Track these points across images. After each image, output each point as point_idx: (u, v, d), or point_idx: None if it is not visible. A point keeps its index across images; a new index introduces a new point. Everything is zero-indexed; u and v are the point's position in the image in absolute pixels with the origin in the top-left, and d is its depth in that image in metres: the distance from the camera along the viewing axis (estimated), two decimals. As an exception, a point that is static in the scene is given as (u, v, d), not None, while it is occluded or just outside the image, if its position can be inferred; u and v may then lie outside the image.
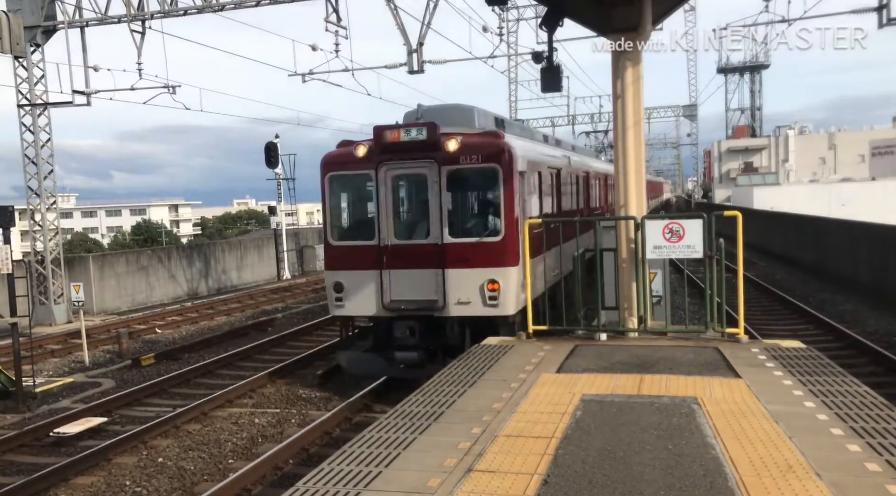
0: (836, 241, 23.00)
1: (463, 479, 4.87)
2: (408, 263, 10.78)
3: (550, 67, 11.34)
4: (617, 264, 9.84)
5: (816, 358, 7.90)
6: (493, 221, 10.84)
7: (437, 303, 10.64)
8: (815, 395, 6.44)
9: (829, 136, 71.00)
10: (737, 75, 73.69)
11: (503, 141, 10.71)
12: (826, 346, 12.65)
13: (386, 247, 10.88)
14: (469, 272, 10.49)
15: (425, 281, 10.70)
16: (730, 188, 64.29)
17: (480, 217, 11.47)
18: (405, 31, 20.72)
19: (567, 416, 6.11)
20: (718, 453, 5.14)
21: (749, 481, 4.63)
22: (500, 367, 8.02)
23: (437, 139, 10.48)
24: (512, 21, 39.10)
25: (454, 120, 11.56)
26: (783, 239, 30.19)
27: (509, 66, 44.76)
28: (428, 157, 10.60)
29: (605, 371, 7.68)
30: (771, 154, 70.58)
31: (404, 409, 6.51)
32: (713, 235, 8.85)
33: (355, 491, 4.76)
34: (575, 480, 4.76)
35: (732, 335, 8.98)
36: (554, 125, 51.84)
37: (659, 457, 5.11)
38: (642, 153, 10.35)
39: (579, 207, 16.93)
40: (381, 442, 5.68)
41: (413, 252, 10.83)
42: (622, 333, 9.55)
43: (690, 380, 7.14)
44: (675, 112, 61.49)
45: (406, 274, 10.79)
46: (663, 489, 4.57)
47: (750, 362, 7.76)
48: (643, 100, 10.14)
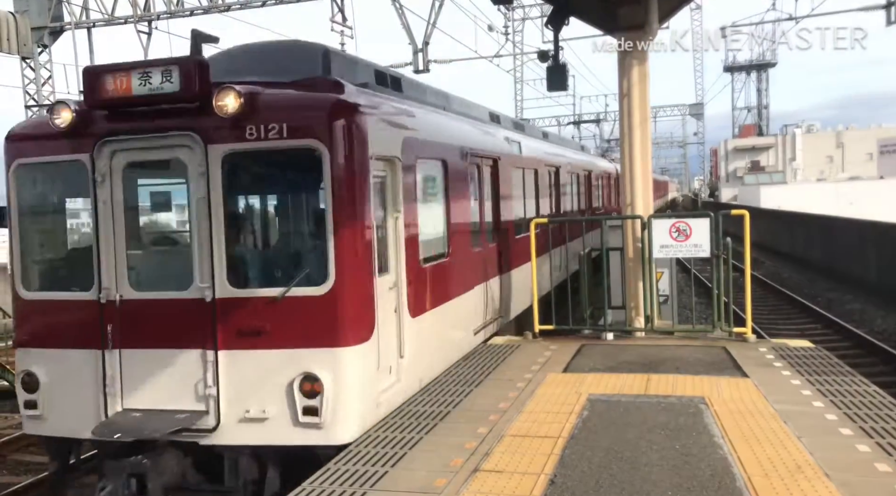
0: (843, 240, 22.89)
1: (469, 479, 4.85)
2: (150, 338, 5.94)
3: (556, 66, 11.29)
4: (624, 263, 9.81)
5: (825, 357, 7.85)
6: (314, 256, 6.04)
7: (202, 418, 5.79)
8: (823, 395, 6.40)
9: (836, 134, 70.60)
10: (743, 74, 73.39)
11: (335, 98, 6.04)
12: (834, 346, 12.58)
13: (111, 303, 5.99)
14: (264, 357, 5.76)
15: (180, 373, 5.89)
16: (736, 187, 64.02)
17: (290, 247, 6.95)
18: (411, 31, 20.76)
19: (574, 416, 6.08)
20: (726, 453, 5.11)
21: (758, 482, 4.60)
22: (506, 367, 7.99)
23: (207, 92, 5.66)
24: (518, 20, 39.07)
25: (283, 67, 6.59)
26: (790, 238, 30.06)
27: (515, 66, 44.68)
28: (187, 125, 5.83)
29: (611, 370, 7.65)
30: (778, 153, 70.22)
31: (410, 409, 6.50)
32: (720, 234, 8.81)
33: (361, 490, 4.75)
34: (582, 480, 4.74)
35: (740, 334, 8.94)
36: (560, 124, 51.77)
37: (666, 457, 5.08)
38: (649, 152, 10.31)
39: (551, 211, 13.29)
40: (388, 441, 5.67)
41: (160, 315, 5.97)
42: (629, 333, 9.51)
43: (698, 379, 7.10)
44: (682, 111, 61.37)
45: (146, 358, 5.94)
46: (671, 489, 4.55)
47: (758, 362, 7.73)
48: (649, 98, 10.10)
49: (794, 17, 20.57)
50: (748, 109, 75.15)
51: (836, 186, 49.60)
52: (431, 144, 7.68)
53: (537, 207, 12.18)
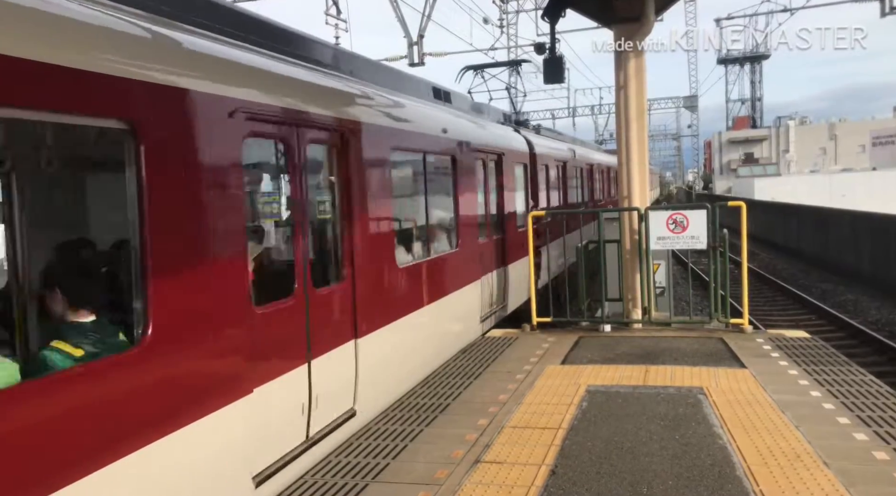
0: (837, 232, 22.99)
1: (471, 471, 4.87)
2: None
3: (553, 58, 11.24)
4: (621, 255, 9.83)
5: (821, 347, 7.91)
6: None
7: None
8: (820, 385, 6.45)
9: (829, 126, 70.80)
10: (737, 66, 73.47)
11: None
12: (829, 336, 12.65)
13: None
14: None
15: None
16: (730, 179, 64.16)
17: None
18: (405, 24, 20.68)
19: (573, 407, 6.11)
20: (726, 443, 5.15)
21: (757, 470, 4.64)
22: (505, 359, 8.01)
23: None
24: (512, 13, 38.96)
25: None
26: (784, 229, 30.17)
27: (509, 58, 44.59)
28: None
29: (609, 362, 7.68)
30: (771, 145, 70.40)
31: (410, 402, 6.51)
32: (717, 226, 8.84)
33: (363, 482, 4.77)
34: (583, 471, 4.77)
35: (736, 325, 8.98)
36: (554, 117, 51.75)
37: (666, 447, 5.12)
38: (645, 144, 10.33)
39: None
40: (388, 434, 5.68)
41: None
42: (626, 324, 9.55)
43: (696, 370, 7.14)
44: (676, 103, 61.49)
45: None
46: (671, 479, 4.58)
47: (755, 352, 7.77)
48: (646, 90, 10.11)
49: (788, 8, 20.59)
50: (742, 101, 75.28)
51: (830, 178, 49.76)
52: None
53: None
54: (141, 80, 3.64)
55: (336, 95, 6.02)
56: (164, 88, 3.80)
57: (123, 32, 3.75)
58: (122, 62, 3.56)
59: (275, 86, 5.04)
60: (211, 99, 4.19)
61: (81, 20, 3.49)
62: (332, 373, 5.36)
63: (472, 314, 9.03)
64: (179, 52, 4.15)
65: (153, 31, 4.01)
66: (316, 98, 5.58)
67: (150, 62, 3.77)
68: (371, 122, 6.36)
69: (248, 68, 4.81)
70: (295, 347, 4.93)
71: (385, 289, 6.48)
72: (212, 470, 4.06)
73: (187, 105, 3.99)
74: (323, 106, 5.61)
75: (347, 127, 5.82)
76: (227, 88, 4.36)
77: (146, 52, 3.86)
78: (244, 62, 4.81)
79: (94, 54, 3.43)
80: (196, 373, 3.99)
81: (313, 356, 5.08)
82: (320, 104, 5.58)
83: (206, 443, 3.96)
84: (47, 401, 3.05)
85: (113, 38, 3.66)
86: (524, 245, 10.21)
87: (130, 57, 3.65)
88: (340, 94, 6.11)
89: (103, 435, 3.29)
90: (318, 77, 5.88)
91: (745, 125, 73.95)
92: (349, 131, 5.82)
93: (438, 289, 7.76)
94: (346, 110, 5.99)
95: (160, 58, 3.91)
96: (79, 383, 3.25)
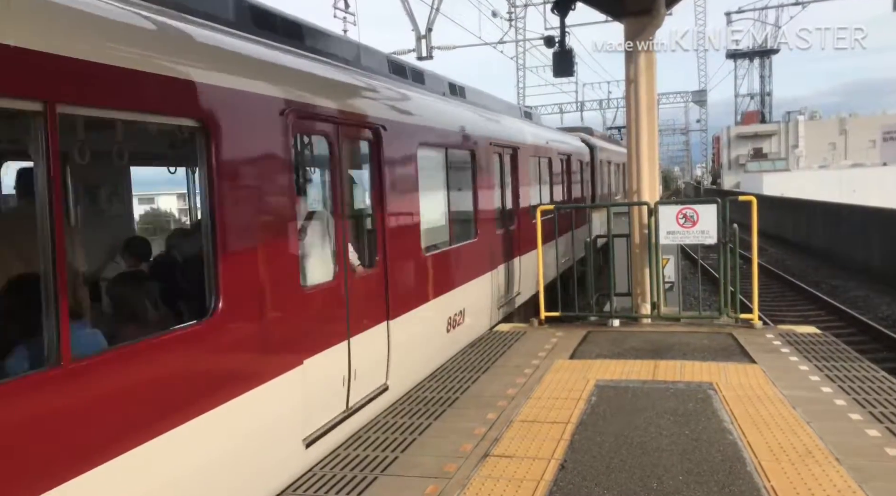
0: (847, 227, 22.84)
1: (480, 464, 4.86)
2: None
3: (563, 51, 11.17)
4: (630, 250, 9.79)
5: (832, 343, 7.86)
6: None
7: None
8: (832, 381, 6.40)
9: (839, 121, 70.32)
10: (746, 60, 72.96)
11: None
12: (839, 332, 12.56)
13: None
14: None
15: None
16: (739, 174, 63.88)
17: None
18: (414, 17, 20.59)
19: (582, 402, 6.09)
20: (736, 438, 5.12)
21: (768, 466, 4.60)
22: (514, 353, 8.00)
23: None
24: (520, 7, 38.80)
25: None
26: (794, 225, 30.01)
27: (517, 52, 44.48)
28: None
29: (618, 357, 7.65)
30: (781, 140, 70.00)
31: (419, 395, 6.51)
32: (727, 221, 8.79)
33: (372, 475, 4.76)
34: (592, 465, 4.75)
35: (746, 321, 8.93)
36: (562, 112, 51.56)
37: (676, 442, 5.09)
38: (655, 138, 10.27)
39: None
40: (397, 427, 5.68)
41: None
42: (635, 319, 9.51)
43: (705, 365, 7.11)
44: (685, 98, 60.99)
45: None
46: (682, 474, 4.55)
47: (765, 348, 7.72)
48: (657, 84, 10.05)
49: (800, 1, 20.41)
50: (751, 96, 74.80)
51: (840, 173, 49.48)
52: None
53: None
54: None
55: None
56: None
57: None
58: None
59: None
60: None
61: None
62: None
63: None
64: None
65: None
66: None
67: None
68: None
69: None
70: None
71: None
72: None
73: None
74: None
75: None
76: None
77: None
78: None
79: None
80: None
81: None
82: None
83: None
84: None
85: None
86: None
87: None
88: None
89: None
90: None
91: (755, 120, 73.51)
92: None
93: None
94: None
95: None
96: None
